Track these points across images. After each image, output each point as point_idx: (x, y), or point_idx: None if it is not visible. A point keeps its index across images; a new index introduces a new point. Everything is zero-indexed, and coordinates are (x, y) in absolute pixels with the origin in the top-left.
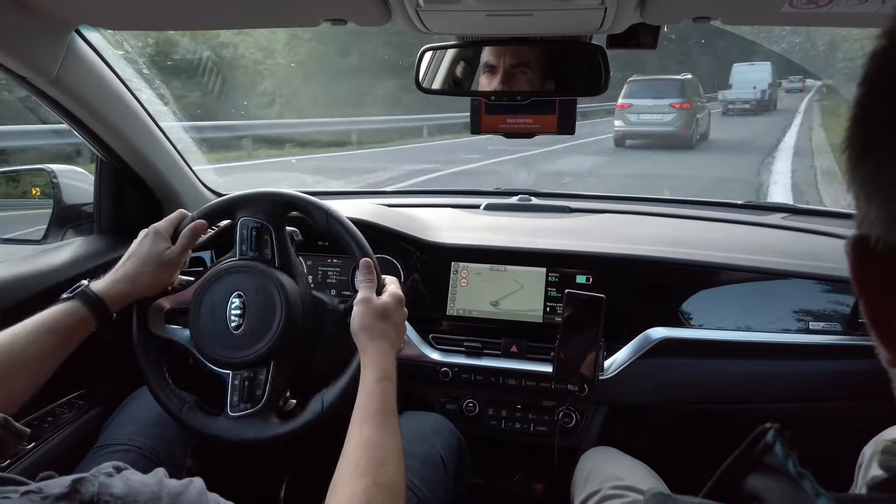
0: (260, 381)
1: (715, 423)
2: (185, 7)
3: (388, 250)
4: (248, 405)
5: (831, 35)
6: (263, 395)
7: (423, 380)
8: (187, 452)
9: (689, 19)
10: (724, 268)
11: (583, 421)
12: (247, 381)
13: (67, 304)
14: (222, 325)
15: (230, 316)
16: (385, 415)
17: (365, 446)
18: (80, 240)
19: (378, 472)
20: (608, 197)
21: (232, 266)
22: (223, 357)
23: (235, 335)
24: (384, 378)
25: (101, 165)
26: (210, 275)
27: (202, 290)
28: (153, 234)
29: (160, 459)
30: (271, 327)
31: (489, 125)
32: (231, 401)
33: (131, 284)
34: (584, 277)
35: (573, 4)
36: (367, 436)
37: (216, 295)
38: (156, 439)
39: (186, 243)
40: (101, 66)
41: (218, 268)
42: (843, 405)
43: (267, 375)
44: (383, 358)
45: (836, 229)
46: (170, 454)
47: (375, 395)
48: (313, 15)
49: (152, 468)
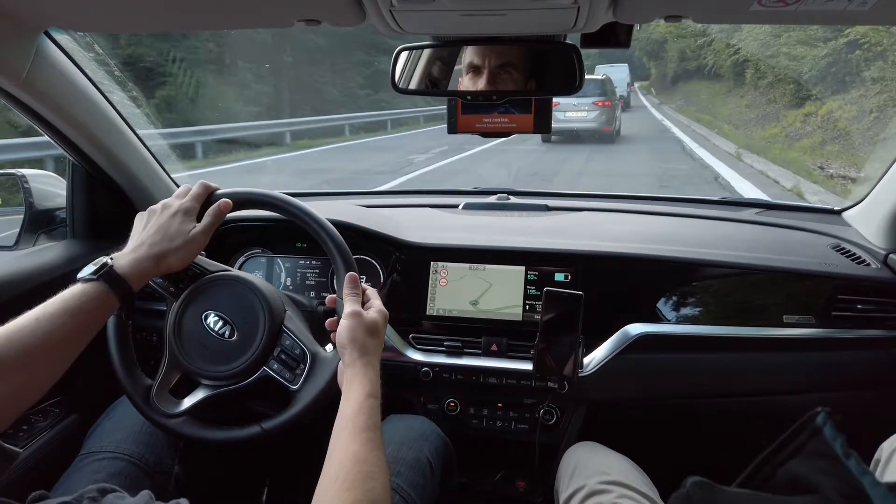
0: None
1: (694, 417)
2: (157, 8)
3: (366, 251)
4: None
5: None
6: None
7: (404, 380)
8: (175, 459)
9: (661, 18)
10: (701, 263)
11: (563, 418)
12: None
13: (91, 284)
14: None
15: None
16: (373, 431)
17: (353, 461)
18: (53, 245)
19: (366, 488)
20: (586, 195)
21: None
22: (209, 371)
23: (224, 349)
24: (373, 395)
25: (73, 169)
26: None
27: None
28: (182, 213)
29: (149, 467)
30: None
31: (466, 125)
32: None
33: (155, 263)
34: (563, 275)
35: (546, 4)
36: (355, 451)
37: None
38: (144, 447)
39: (212, 222)
40: (71, 68)
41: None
42: (821, 397)
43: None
44: (373, 374)
45: (808, 224)
46: (158, 461)
47: (364, 410)
48: (286, 15)
49: (141, 477)
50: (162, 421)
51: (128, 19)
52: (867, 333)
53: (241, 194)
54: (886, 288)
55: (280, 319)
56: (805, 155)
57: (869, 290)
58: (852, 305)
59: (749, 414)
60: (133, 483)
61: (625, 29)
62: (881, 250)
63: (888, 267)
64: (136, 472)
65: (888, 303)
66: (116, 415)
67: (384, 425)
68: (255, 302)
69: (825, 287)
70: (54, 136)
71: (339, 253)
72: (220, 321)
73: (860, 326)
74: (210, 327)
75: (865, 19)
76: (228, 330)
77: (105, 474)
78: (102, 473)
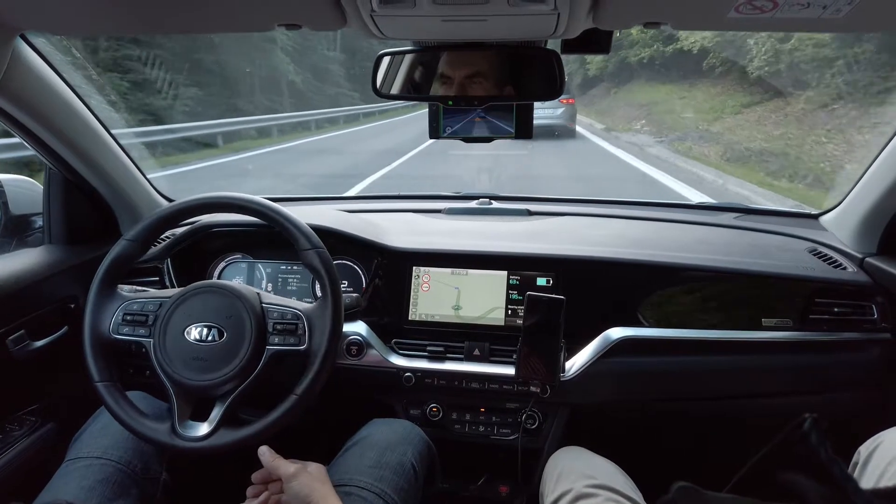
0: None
1: (676, 420)
2: (135, 11)
3: (348, 256)
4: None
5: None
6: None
7: (386, 385)
8: (162, 466)
9: (640, 25)
10: (680, 267)
11: (546, 422)
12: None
13: None
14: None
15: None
16: None
17: None
18: (28, 251)
19: None
20: (568, 200)
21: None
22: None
23: (206, 359)
24: None
25: (49, 174)
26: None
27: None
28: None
29: (136, 473)
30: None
31: (447, 130)
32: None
33: None
34: (545, 280)
35: (526, 10)
36: None
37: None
38: (131, 453)
39: None
40: (48, 72)
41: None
42: (801, 400)
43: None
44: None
45: (785, 228)
46: (145, 467)
47: None
48: (267, 20)
49: (129, 483)
50: (197, 447)
51: (105, 23)
52: (844, 336)
53: (192, 202)
54: (862, 291)
55: (257, 300)
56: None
57: (845, 293)
58: (829, 308)
59: (730, 416)
60: (121, 490)
61: (604, 35)
62: (857, 254)
63: (864, 270)
64: (124, 479)
65: (864, 306)
66: (103, 420)
67: (367, 429)
68: (223, 297)
69: (802, 290)
70: (31, 141)
71: (299, 232)
72: (202, 329)
73: (837, 329)
74: (196, 340)
75: (840, 27)
76: (215, 333)
77: (93, 480)
78: (90, 479)
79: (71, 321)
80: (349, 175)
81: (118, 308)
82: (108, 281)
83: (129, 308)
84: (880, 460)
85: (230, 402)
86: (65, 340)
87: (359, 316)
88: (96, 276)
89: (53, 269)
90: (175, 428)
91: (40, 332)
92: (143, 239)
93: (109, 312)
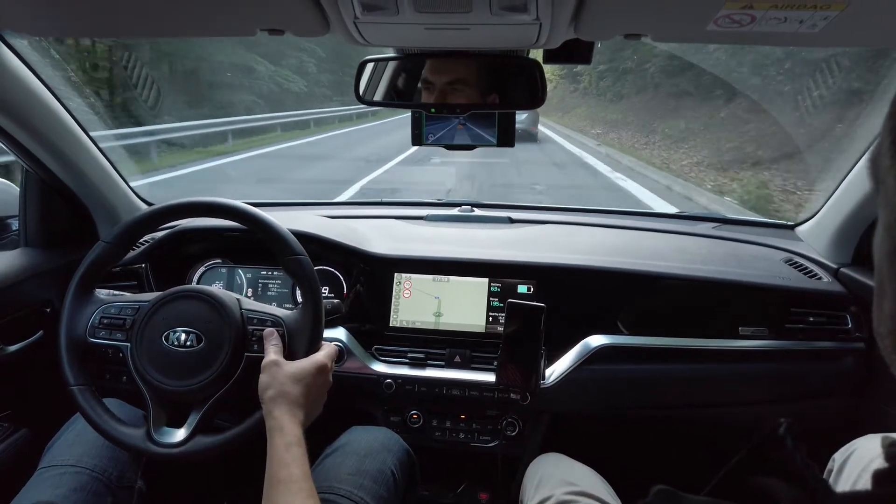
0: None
1: (655, 427)
2: (115, 14)
3: (330, 262)
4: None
5: None
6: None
7: (367, 392)
8: (137, 474)
9: (621, 35)
10: (660, 276)
11: (526, 429)
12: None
13: None
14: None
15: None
16: (301, 481)
17: None
18: (3, 254)
19: None
20: (549, 208)
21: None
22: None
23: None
24: (293, 444)
25: (26, 176)
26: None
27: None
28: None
29: (111, 481)
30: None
31: (430, 137)
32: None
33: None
34: (526, 287)
35: (509, 20)
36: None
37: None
38: (106, 460)
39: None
40: (26, 73)
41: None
42: (777, 408)
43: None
44: (291, 423)
45: (762, 238)
46: (120, 475)
47: (286, 462)
48: (249, 25)
49: (103, 492)
50: (173, 453)
51: (85, 25)
52: (819, 345)
53: (172, 206)
54: (837, 301)
55: (237, 306)
56: None
57: (820, 302)
58: (804, 318)
59: (708, 424)
60: (95, 498)
61: (586, 45)
62: (832, 264)
63: (839, 280)
64: (99, 487)
65: (839, 315)
66: (78, 427)
67: (347, 436)
68: (202, 302)
69: (778, 300)
70: (8, 143)
71: (280, 237)
72: (180, 335)
73: (812, 338)
74: (174, 346)
75: (817, 41)
76: (193, 338)
77: (66, 489)
78: (63, 488)
79: (46, 325)
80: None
81: (95, 311)
82: (85, 284)
83: (106, 312)
84: (854, 467)
85: (207, 408)
86: (39, 345)
87: (339, 322)
88: (73, 278)
89: (29, 273)
90: (150, 434)
91: (14, 336)
92: (122, 242)
93: (86, 316)
